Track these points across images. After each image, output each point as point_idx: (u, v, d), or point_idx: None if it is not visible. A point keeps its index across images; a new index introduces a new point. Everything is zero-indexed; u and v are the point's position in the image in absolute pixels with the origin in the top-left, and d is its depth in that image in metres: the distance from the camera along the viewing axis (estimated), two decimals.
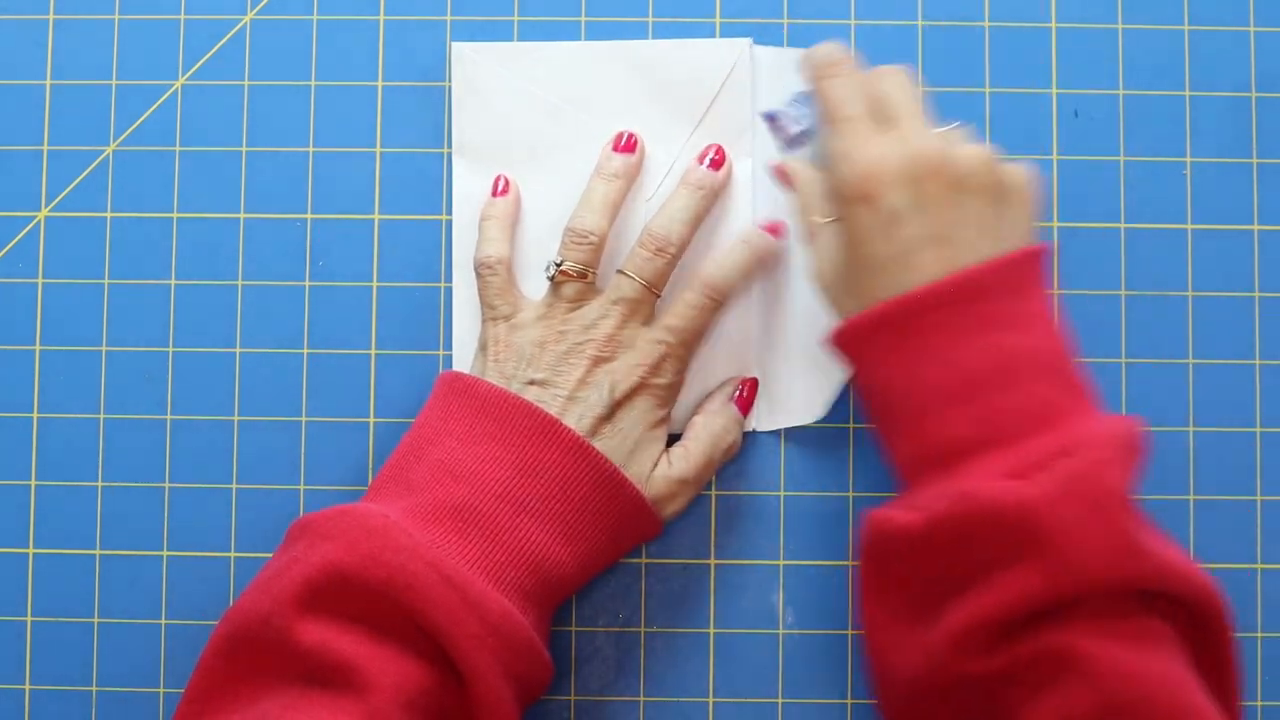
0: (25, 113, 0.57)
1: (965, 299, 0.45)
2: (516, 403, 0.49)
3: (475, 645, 0.44)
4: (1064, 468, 0.42)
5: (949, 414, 0.45)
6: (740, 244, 0.54)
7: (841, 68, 0.50)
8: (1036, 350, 0.45)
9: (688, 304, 0.52)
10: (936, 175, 0.46)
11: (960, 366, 0.44)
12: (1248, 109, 0.57)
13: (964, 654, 0.43)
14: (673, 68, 0.56)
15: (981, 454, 0.44)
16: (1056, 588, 0.41)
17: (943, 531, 0.43)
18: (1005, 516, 0.42)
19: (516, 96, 0.56)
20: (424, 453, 0.49)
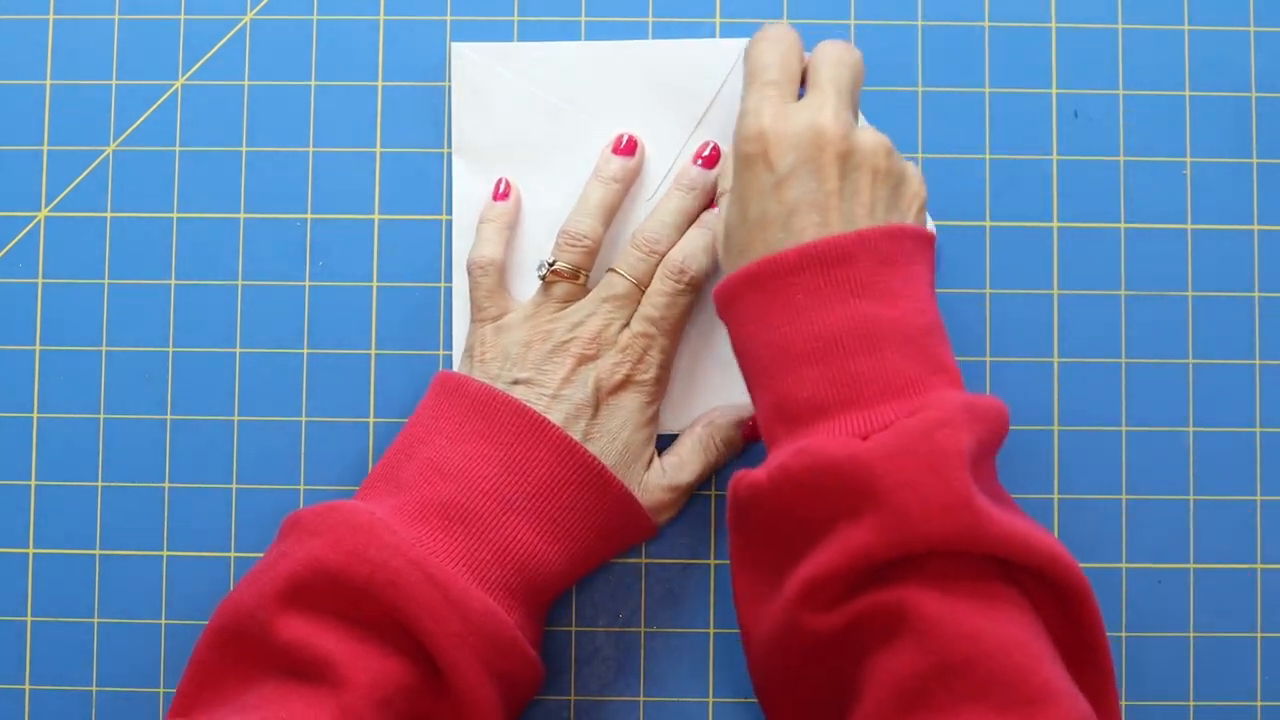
0: (25, 113, 0.57)
1: (832, 262, 0.44)
2: (505, 401, 0.49)
3: (456, 643, 0.44)
4: (903, 426, 0.42)
5: (804, 373, 0.44)
6: (697, 227, 0.53)
7: (777, 35, 0.49)
8: (899, 321, 0.44)
9: (659, 292, 0.52)
10: (832, 146, 0.45)
11: (820, 328, 0.44)
12: (1248, 109, 0.57)
13: (808, 610, 0.42)
14: (673, 68, 0.56)
15: (832, 415, 0.43)
16: (890, 542, 0.41)
17: (784, 486, 0.43)
18: (842, 471, 0.42)
19: (516, 96, 0.56)
20: (414, 451, 0.49)
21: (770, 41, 0.49)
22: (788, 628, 0.43)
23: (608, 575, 0.55)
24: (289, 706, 0.43)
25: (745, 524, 0.46)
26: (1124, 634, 0.55)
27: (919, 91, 0.57)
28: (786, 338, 0.44)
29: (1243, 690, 0.55)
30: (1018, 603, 0.42)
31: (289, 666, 0.44)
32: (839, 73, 0.48)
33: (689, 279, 0.52)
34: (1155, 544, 0.55)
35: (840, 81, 0.47)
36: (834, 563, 0.42)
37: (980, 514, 0.41)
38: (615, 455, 0.50)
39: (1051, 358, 0.56)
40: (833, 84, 0.47)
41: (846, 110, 0.47)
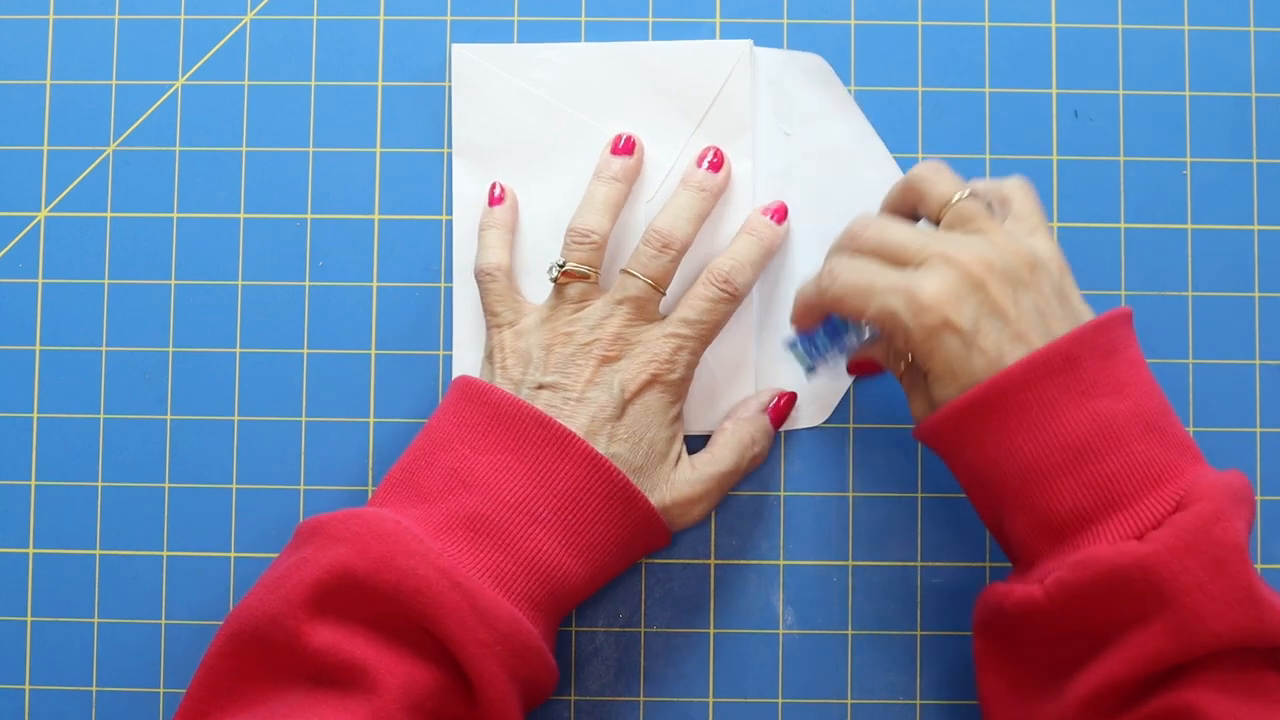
0: (25, 113, 0.57)
1: (1055, 371, 0.44)
2: (530, 413, 0.48)
3: (484, 652, 0.44)
4: (1180, 522, 0.42)
5: (1056, 485, 0.44)
6: (746, 235, 0.54)
7: (832, 269, 0.48)
8: (1135, 411, 0.44)
9: (701, 297, 0.52)
10: (990, 277, 0.45)
11: (1061, 437, 0.44)
12: (1248, 109, 0.57)
13: (1093, 718, 0.43)
14: (673, 69, 0.56)
15: (1095, 521, 0.43)
16: (1181, 645, 0.41)
17: (1064, 600, 0.43)
18: (1126, 577, 0.42)
19: (516, 98, 0.56)
20: (435, 459, 0.49)
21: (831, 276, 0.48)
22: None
23: None
24: (320, 713, 0.42)
25: (1004, 634, 0.46)
26: None
27: (919, 91, 0.57)
28: (1031, 455, 0.44)
29: None
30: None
31: (315, 673, 0.44)
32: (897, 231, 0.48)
33: (733, 289, 0.52)
34: None
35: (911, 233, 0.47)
36: (1123, 670, 0.42)
37: (1265, 607, 0.41)
38: (641, 456, 0.50)
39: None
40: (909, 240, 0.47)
41: (965, 242, 0.46)
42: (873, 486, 0.56)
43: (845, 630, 0.55)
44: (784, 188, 0.56)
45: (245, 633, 0.44)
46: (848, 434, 0.56)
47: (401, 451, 0.51)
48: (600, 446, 0.49)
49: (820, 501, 0.56)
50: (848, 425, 0.56)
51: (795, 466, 0.56)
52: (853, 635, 0.55)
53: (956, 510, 0.55)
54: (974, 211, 0.48)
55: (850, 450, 0.56)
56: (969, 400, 0.45)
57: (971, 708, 0.54)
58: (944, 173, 0.49)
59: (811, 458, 0.56)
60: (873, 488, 0.56)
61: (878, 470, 0.56)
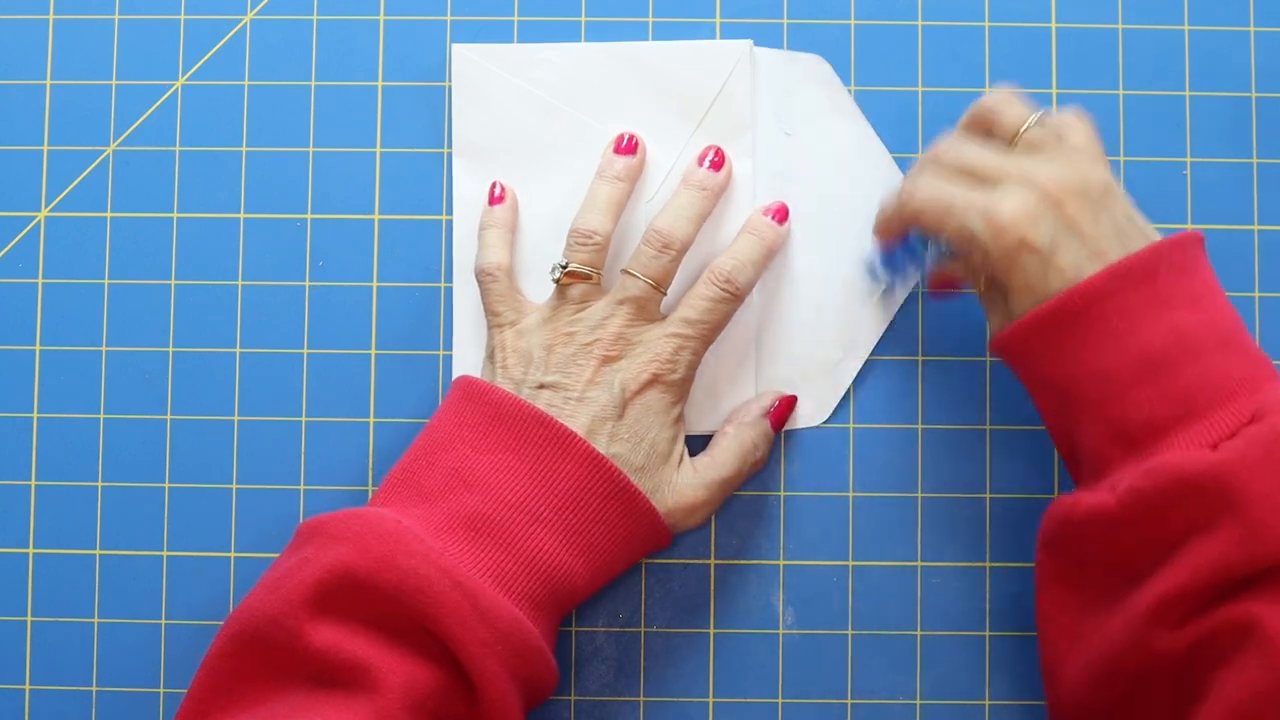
0: (25, 113, 0.57)
1: (1135, 282, 0.45)
2: (531, 412, 0.48)
3: (485, 652, 0.44)
4: (1254, 433, 0.42)
5: (1133, 395, 0.44)
6: (747, 235, 0.54)
7: (912, 184, 0.50)
8: (1212, 324, 0.45)
9: (702, 296, 0.52)
10: (1068, 197, 0.46)
11: (1140, 348, 0.44)
12: (1248, 109, 0.57)
13: (1159, 627, 0.42)
14: (673, 69, 0.56)
15: (1171, 431, 0.44)
16: (1250, 555, 0.41)
17: (1135, 506, 0.43)
18: (1198, 484, 0.42)
19: (517, 98, 0.56)
20: (436, 458, 0.49)
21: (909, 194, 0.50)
22: (1132, 648, 0.43)
23: None
24: (322, 713, 0.42)
25: (1073, 544, 0.46)
26: None
27: (919, 91, 0.57)
28: (1109, 364, 0.45)
29: None
30: None
31: (317, 673, 0.44)
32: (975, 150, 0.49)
33: (735, 289, 0.52)
34: None
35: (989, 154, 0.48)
36: (1191, 578, 0.42)
37: None
38: (642, 456, 0.50)
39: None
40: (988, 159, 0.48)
41: (1042, 163, 0.47)
42: (873, 486, 0.56)
43: (845, 630, 0.55)
44: (784, 188, 0.56)
45: (246, 633, 0.44)
46: (848, 434, 0.56)
47: (402, 451, 0.51)
48: (601, 446, 0.49)
49: (820, 501, 0.56)
50: (848, 425, 0.56)
51: (795, 466, 0.56)
52: (853, 635, 0.55)
53: (957, 510, 0.55)
54: (1045, 137, 0.49)
55: (850, 450, 0.56)
56: (1049, 309, 0.45)
57: (972, 708, 0.55)
58: (1016, 99, 0.50)
59: (811, 458, 0.56)
60: (873, 488, 0.56)
61: (878, 470, 0.56)
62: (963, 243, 0.48)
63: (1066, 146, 0.48)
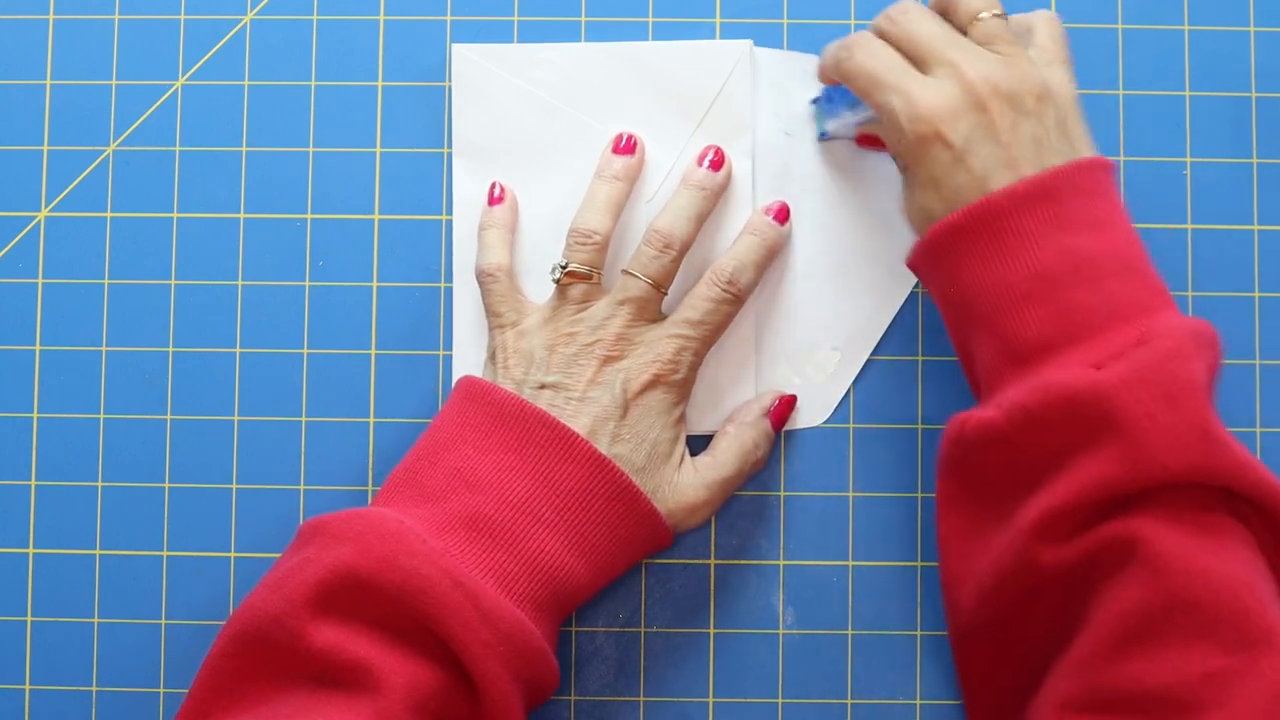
0: (25, 113, 0.57)
1: (1038, 201, 0.45)
2: (534, 413, 0.48)
3: (487, 653, 0.44)
4: (1139, 356, 0.43)
5: (1026, 313, 0.45)
6: (749, 236, 0.54)
7: (853, 44, 0.50)
8: (1111, 251, 0.45)
9: (704, 297, 0.52)
10: (994, 99, 0.46)
11: (1037, 267, 0.45)
12: (1248, 109, 0.57)
13: (1043, 543, 0.43)
14: (673, 69, 0.56)
15: (1060, 350, 0.44)
16: (1132, 473, 0.41)
17: (1020, 422, 0.44)
18: (1081, 403, 0.42)
19: (517, 98, 0.56)
20: (439, 459, 0.49)
21: (850, 48, 0.50)
22: (1017, 563, 0.44)
23: None
24: (324, 713, 0.42)
25: (966, 464, 0.47)
26: None
27: None
28: (1004, 280, 0.45)
29: None
30: (1244, 539, 0.42)
31: (319, 673, 0.44)
32: (928, 26, 0.49)
33: (736, 290, 0.52)
34: None
35: (939, 33, 0.48)
36: (1073, 494, 0.42)
37: (1218, 444, 0.42)
38: (644, 456, 0.50)
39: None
40: (937, 40, 0.48)
41: (980, 59, 0.47)
42: (873, 486, 0.56)
43: (845, 630, 0.55)
44: (784, 187, 0.56)
45: (248, 633, 0.44)
46: (848, 434, 0.56)
47: (402, 451, 0.51)
48: (602, 446, 0.49)
49: (820, 501, 0.56)
50: (848, 425, 0.56)
51: (795, 466, 0.56)
52: (853, 635, 0.55)
53: None
54: (997, 31, 0.48)
55: (850, 450, 0.56)
56: (951, 222, 0.46)
57: None
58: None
59: (811, 458, 0.56)
60: (873, 488, 0.56)
61: (878, 470, 0.56)
62: (883, 118, 0.48)
63: (1018, 45, 0.48)
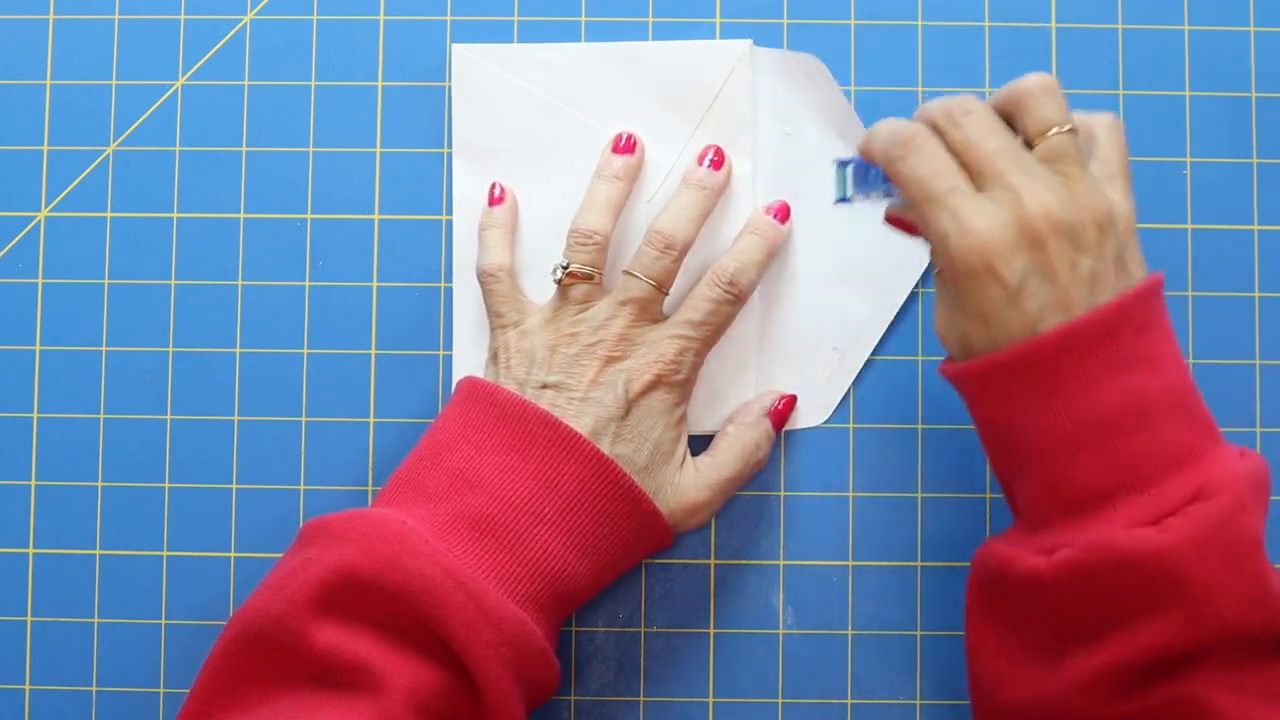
0: (25, 113, 0.57)
1: (1095, 340, 0.42)
2: (536, 413, 0.48)
3: (489, 654, 0.44)
4: (1200, 514, 0.41)
5: (1080, 458, 0.43)
6: (749, 235, 0.54)
7: (909, 144, 0.44)
8: (1165, 389, 0.43)
9: (705, 298, 0.52)
10: (1053, 236, 0.42)
11: (1092, 410, 0.42)
12: (1248, 109, 0.57)
13: (1094, 700, 0.42)
14: (673, 69, 0.56)
15: (1114, 500, 0.43)
16: (1195, 635, 0.41)
17: (1075, 579, 0.42)
18: (1143, 566, 0.41)
19: (517, 98, 0.56)
20: (441, 459, 0.49)
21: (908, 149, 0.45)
22: (1060, 709, 0.43)
23: None
24: (326, 714, 0.42)
25: (1001, 597, 0.46)
26: None
27: (919, 91, 0.57)
28: (1055, 424, 0.43)
29: None
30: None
31: (322, 674, 0.44)
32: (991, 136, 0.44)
33: (738, 290, 0.52)
34: None
35: (1002, 145, 0.44)
36: (1130, 656, 0.42)
37: (1275, 598, 0.41)
38: (646, 457, 0.50)
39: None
40: (998, 155, 0.44)
41: (1043, 186, 0.43)
42: (873, 486, 0.56)
43: (845, 630, 0.55)
44: (784, 187, 0.56)
45: (250, 633, 0.44)
46: (848, 434, 0.56)
47: (403, 451, 0.51)
48: (605, 446, 0.49)
49: (820, 501, 0.56)
50: (848, 425, 0.56)
51: (795, 466, 0.56)
52: (853, 635, 0.55)
53: (957, 511, 0.55)
54: (1066, 150, 0.44)
55: (850, 450, 0.56)
56: (1001, 360, 0.43)
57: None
58: (1053, 96, 0.45)
59: (811, 458, 0.56)
60: (873, 488, 0.56)
61: (878, 470, 0.56)
62: (929, 237, 0.44)
63: (1085, 165, 0.44)
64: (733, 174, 0.55)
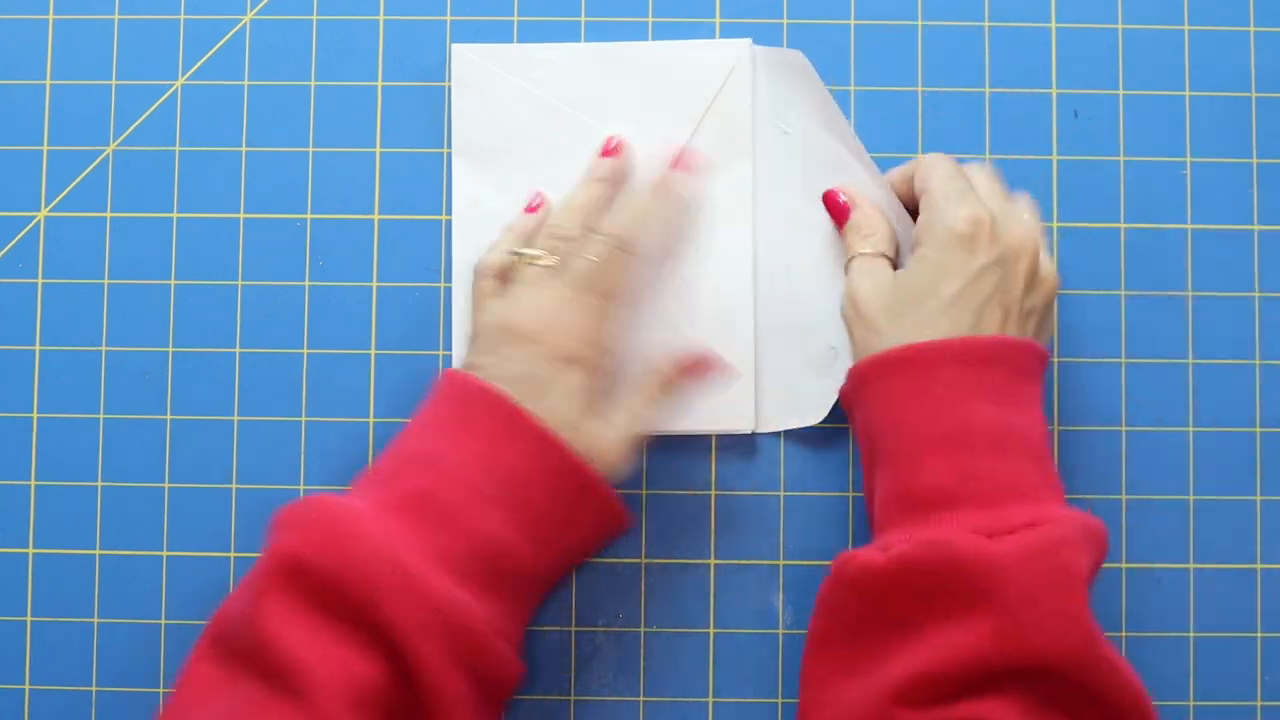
0: (25, 113, 0.57)
1: (980, 363, 0.46)
2: (482, 390, 0.48)
3: (420, 631, 0.43)
4: (1032, 537, 0.43)
5: (935, 462, 0.46)
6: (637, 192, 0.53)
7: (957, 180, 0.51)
8: (1028, 433, 0.47)
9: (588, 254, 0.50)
10: (1030, 259, 0.49)
11: (957, 424, 0.46)
12: (1248, 109, 0.57)
13: (904, 706, 0.43)
14: (672, 69, 0.56)
15: (955, 507, 0.45)
16: (1005, 651, 0.42)
17: (904, 572, 0.44)
18: (968, 569, 0.43)
19: (517, 97, 0.56)
20: (403, 444, 0.49)
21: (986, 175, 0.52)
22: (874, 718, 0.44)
23: (608, 575, 0.55)
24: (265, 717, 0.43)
25: (842, 603, 0.47)
26: (1124, 634, 0.55)
27: (919, 91, 0.57)
28: (920, 424, 0.46)
29: (1243, 690, 0.55)
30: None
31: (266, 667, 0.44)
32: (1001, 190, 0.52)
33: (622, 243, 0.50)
34: (1155, 544, 0.55)
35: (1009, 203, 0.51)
36: (940, 660, 0.43)
37: (1093, 639, 0.42)
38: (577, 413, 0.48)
39: (1051, 358, 0.56)
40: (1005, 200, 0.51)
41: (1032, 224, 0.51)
42: None
43: None
44: (783, 186, 0.56)
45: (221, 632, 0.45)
46: (848, 434, 0.56)
47: None
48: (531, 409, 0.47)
49: (820, 501, 0.56)
50: (847, 425, 0.56)
51: (795, 466, 0.56)
52: None
53: None
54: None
55: (850, 450, 0.56)
56: (892, 357, 0.47)
57: None
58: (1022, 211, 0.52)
59: (811, 458, 0.56)
60: None
61: None
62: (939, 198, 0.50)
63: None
64: (733, 174, 0.55)
